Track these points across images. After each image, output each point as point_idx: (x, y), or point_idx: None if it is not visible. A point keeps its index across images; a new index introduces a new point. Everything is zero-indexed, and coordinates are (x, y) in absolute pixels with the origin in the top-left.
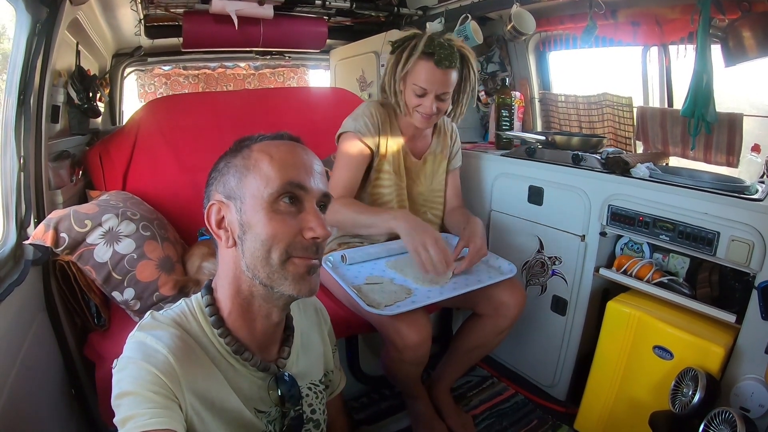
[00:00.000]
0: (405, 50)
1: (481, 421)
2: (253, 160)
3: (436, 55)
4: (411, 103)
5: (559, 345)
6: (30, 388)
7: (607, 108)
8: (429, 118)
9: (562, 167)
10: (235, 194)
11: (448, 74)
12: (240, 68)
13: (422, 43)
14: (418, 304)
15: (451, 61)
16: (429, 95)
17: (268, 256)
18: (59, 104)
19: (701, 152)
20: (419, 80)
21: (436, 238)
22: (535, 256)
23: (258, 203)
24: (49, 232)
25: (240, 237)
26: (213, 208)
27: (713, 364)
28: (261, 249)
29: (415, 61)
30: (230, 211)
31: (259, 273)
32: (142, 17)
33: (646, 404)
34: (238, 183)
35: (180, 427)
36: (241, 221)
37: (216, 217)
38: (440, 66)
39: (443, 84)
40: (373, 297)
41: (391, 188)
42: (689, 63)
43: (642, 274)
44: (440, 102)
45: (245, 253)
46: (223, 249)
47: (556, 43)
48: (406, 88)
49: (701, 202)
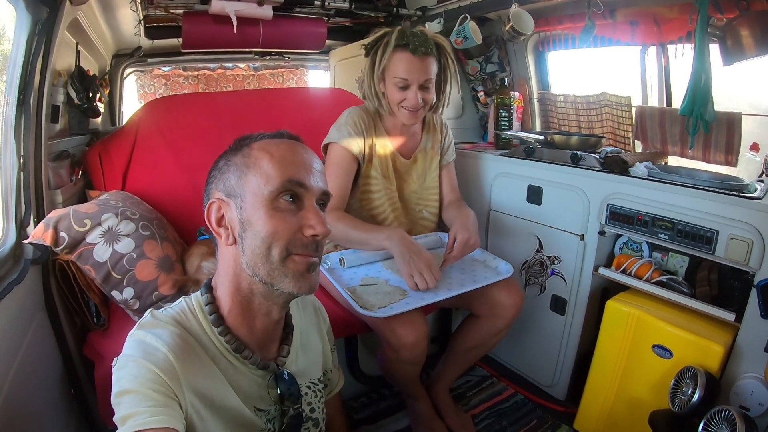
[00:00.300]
0: (378, 48)
1: (480, 421)
2: (253, 159)
3: (410, 44)
4: (395, 100)
5: (558, 344)
6: (29, 387)
7: (605, 108)
8: (416, 112)
9: (561, 167)
10: (235, 192)
11: (426, 61)
12: (239, 69)
13: (394, 36)
14: (412, 305)
15: (427, 48)
16: (412, 86)
17: (268, 254)
18: (59, 104)
19: (700, 151)
20: (399, 72)
21: (429, 264)
22: (534, 255)
23: (258, 201)
24: (49, 231)
25: (240, 235)
26: (213, 206)
27: (713, 363)
28: (261, 246)
29: (390, 54)
30: (230, 208)
31: (260, 270)
32: (141, 18)
33: (646, 403)
34: (238, 181)
35: (180, 426)
36: (241, 219)
37: (216, 215)
38: (417, 54)
39: (424, 71)
40: (367, 298)
41: (380, 192)
42: (688, 62)
43: (641, 273)
44: (425, 92)
45: (245, 250)
46: (223, 247)
47: (555, 43)
48: (387, 86)
49: (700, 201)
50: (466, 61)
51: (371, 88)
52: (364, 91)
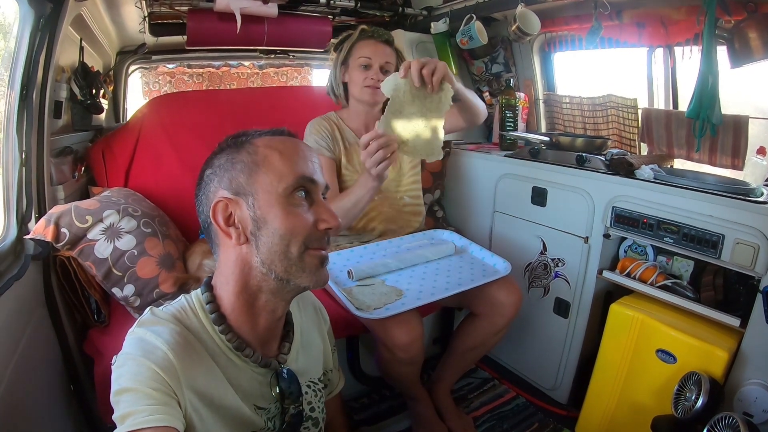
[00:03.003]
0: (344, 42)
1: (481, 424)
2: (261, 156)
3: (374, 33)
4: (358, 81)
5: (561, 348)
6: (28, 383)
7: (611, 109)
8: (377, 90)
9: (566, 168)
10: (245, 190)
11: (387, 47)
12: (244, 67)
13: (357, 31)
14: (408, 306)
15: (388, 36)
16: (374, 66)
17: (287, 250)
18: (62, 100)
19: (706, 154)
20: (364, 53)
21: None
22: (538, 257)
23: (273, 198)
24: (50, 227)
25: (254, 233)
26: (220, 205)
27: (717, 369)
28: (280, 243)
29: (355, 42)
30: (240, 207)
31: (276, 267)
32: (146, 14)
33: (649, 408)
34: (248, 179)
35: (179, 424)
36: (254, 217)
37: (223, 213)
38: (379, 38)
39: (385, 55)
40: (363, 299)
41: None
42: (695, 64)
43: (646, 276)
44: (384, 75)
45: (260, 248)
46: (228, 247)
47: (561, 43)
48: (351, 72)
49: (706, 205)
50: (472, 62)
51: (337, 79)
52: (331, 86)
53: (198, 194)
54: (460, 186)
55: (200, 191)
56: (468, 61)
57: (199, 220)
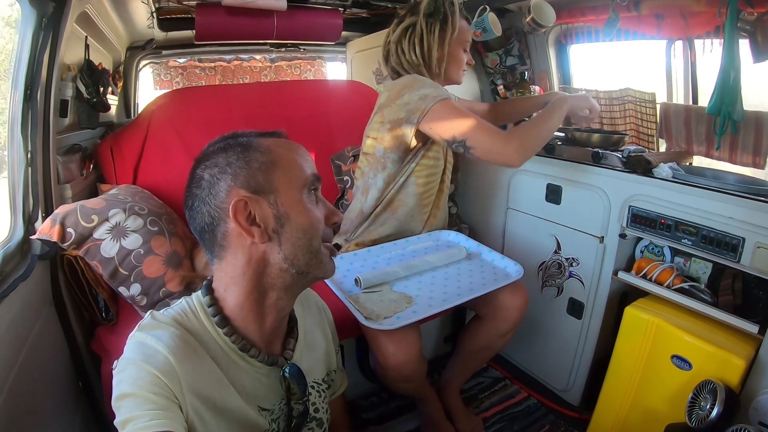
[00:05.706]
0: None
1: (491, 425)
2: (275, 155)
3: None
4: (461, 61)
5: (574, 349)
6: (37, 380)
7: (629, 104)
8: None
9: (582, 165)
10: (265, 188)
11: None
12: (256, 60)
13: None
14: (420, 315)
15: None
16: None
17: (309, 244)
18: (68, 98)
19: (726, 152)
20: (468, 36)
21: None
22: (552, 256)
23: (296, 195)
24: (56, 227)
25: (276, 230)
26: (240, 204)
27: (733, 377)
28: (304, 238)
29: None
30: (261, 205)
31: (299, 261)
32: (154, 10)
33: (662, 415)
34: (266, 177)
35: (180, 428)
36: (277, 214)
37: (243, 212)
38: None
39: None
40: (371, 307)
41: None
42: (716, 58)
43: (662, 279)
44: None
45: (284, 244)
46: (241, 247)
47: (577, 35)
48: (454, 51)
49: (726, 206)
50: (486, 54)
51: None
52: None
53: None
54: (474, 181)
55: (200, 193)
56: (482, 53)
57: (194, 224)
